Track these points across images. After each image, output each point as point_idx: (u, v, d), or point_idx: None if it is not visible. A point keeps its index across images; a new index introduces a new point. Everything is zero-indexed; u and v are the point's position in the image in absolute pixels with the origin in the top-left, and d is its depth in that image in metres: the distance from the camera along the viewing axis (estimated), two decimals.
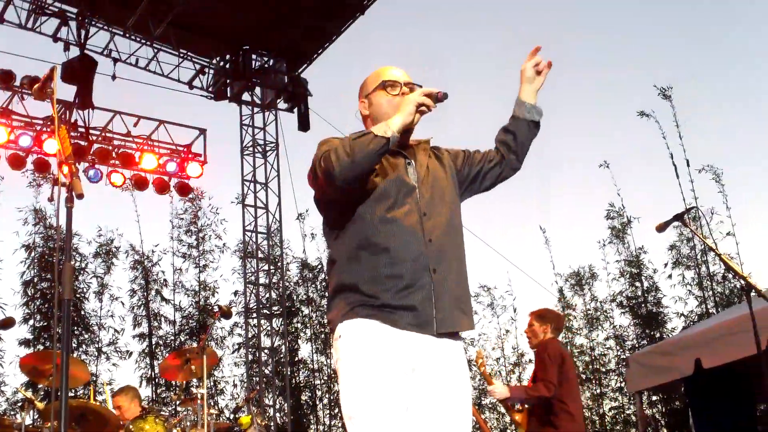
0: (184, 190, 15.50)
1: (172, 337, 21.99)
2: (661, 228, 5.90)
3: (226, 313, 8.80)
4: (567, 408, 6.74)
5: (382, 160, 3.30)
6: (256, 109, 17.24)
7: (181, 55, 15.98)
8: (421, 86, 3.47)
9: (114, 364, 21.27)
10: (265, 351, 16.78)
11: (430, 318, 3.23)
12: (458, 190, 3.64)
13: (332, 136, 3.51)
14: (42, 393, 16.50)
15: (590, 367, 24.06)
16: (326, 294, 3.45)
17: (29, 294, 20.25)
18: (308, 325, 24.13)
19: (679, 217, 5.77)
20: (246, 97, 17.12)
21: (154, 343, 21.80)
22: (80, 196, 3.45)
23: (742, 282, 5.46)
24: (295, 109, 16.54)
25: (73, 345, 20.23)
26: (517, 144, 3.69)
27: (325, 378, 23.75)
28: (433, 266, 3.28)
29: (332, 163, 3.17)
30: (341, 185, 3.22)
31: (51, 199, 3.54)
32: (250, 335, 17.18)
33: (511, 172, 3.76)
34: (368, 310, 3.22)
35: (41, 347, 19.16)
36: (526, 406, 7.06)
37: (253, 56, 16.53)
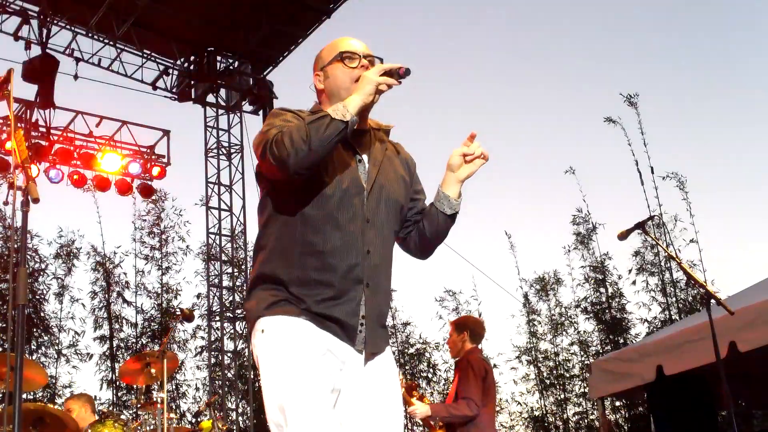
0: (146, 191, 15.41)
1: (134, 340, 21.85)
2: (623, 236, 5.94)
3: (187, 317, 8.76)
4: (483, 424, 6.57)
5: (333, 152, 3.02)
6: (220, 111, 17.10)
7: (145, 55, 15.85)
8: (381, 59, 3.25)
9: (74, 367, 21.15)
10: (228, 354, 16.70)
11: (354, 333, 3.03)
12: (406, 199, 3.36)
13: (285, 107, 3.28)
14: None
15: (554, 372, 24.20)
16: None
17: None
18: None
19: (640, 226, 5.81)
20: (210, 98, 16.98)
21: (115, 345, 21.65)
22: (36, 201, 3.42)
23: (702, 291, 5.51)
24: (261, 112, 16.46)
25: (32, 347, 20.04)
26: (426, 232, 3.36)
27: None
28: (367, 280, 3.07)
29: (286, 151, 2.89)
30: (294, 173, 2.94)
31: (6, 203, 3.50)
32: (213, 338, 17.08)
33: (415, 252, 3.46)
34: (293, 308, 3.00)
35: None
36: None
37: (218, 58, 16.39)
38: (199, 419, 10.08)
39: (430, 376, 24.38)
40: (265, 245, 3.16)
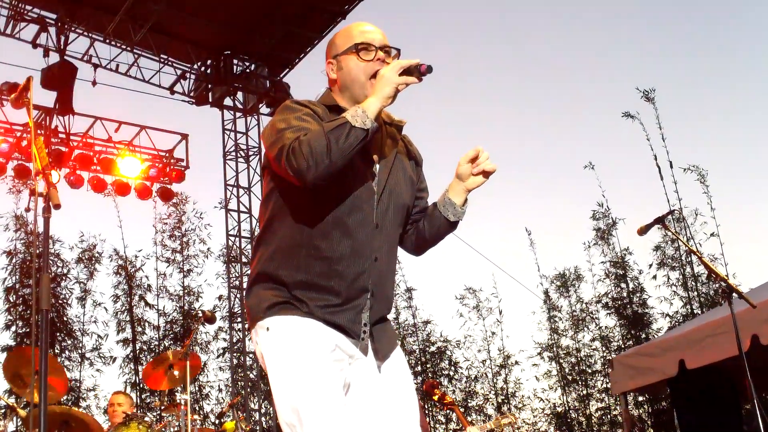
0: (166, 195, 15.50)
1: (156, 343, 21.92)
2: (642, 231, 5.93)
3: (209, 319, 8.79)
4: None
5: None
6: (238, 114, 17.19)
7: (162, 60, 15.95)
8: (398, 50, 3.10)
9: (98, 370, 21.21)
10: (250, 355, 16.75)
11: (357, 338, 2.96)
12: (412, 200, 3.25)
13: (298, 100, 3.08)
14: (24, 400, 16.41)
15: (576, 368, 24.13)
16: None
17: (11, 300, 20.16)
18: None
19: (660, 221, 5.81)
20: (228, 102, 17.08)
21: (138, 348, 21.73)
22: (57, 207, 3.42)
23: (723, 285, 5.49)
24: None
25: (56, 351, 20.14)
26: (425, 233, 3.26)
27: None
28: (372, 288, 2.98)
29: (306, 163, 2.73)
30: (313, 185, 2.79)
31: (28, 210, 3.51)
32: (234, 340, 17.14)
33: (410, 250, 3.36)
34: (296, 311, 2.90)
35: None
36: None
37: (235, 61, 16.50)
38: (222, 420, 10.09)
39: (451, 374, 24.37)
40: (269, 242, 3.04)
